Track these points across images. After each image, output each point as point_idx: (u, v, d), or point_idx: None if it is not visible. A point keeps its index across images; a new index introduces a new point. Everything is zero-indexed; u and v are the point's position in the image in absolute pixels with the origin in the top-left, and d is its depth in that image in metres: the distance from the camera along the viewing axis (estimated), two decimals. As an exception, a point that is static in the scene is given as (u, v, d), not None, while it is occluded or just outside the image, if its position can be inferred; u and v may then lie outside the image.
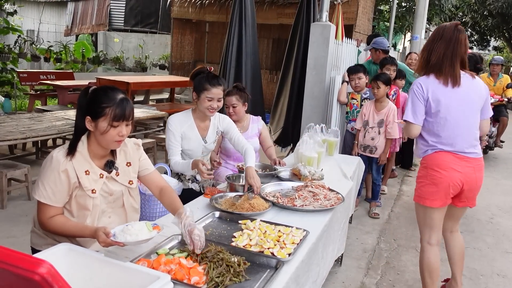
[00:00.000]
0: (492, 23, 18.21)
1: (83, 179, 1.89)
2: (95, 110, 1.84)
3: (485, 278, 3.55)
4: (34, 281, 0.99)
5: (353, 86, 4.88)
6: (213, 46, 11.76)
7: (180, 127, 2.84)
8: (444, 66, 2.65)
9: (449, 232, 3.07)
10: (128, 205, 2.09)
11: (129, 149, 2.09)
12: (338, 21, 5.89)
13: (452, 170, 2.68)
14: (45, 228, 1.91)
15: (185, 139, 2.87)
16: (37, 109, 7.42)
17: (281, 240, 1.95)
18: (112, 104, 1.84)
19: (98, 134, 1.87)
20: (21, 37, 11.23)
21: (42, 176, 1.88)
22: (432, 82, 2.68)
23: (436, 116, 2.69)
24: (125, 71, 14.32)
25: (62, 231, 1.87)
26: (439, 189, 2.71)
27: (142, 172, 2.15)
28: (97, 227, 1.74)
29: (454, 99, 2.66)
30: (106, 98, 1.85)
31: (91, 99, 1.87)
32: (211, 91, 2.73)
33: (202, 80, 2.75)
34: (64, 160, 1.86)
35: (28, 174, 4.57)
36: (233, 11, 4.90)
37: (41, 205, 1.88)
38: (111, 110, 1.84)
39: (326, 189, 2.73)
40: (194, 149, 2.92)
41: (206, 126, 2.96)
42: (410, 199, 5.45)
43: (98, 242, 1.72)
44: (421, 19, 10.08)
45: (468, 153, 2.71)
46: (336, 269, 3.43)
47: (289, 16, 8.89)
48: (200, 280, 1.58)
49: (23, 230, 3.81)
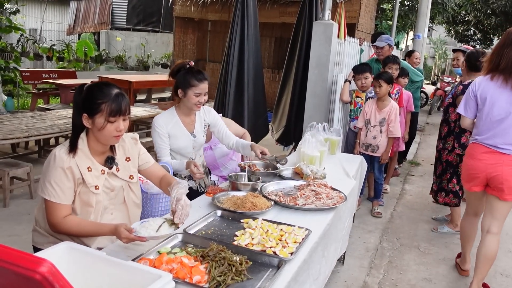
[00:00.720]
0: (495, 22, 18.11)
1: (86, 175, 1.89)
2: (91, 107, 1.84)
3: (488, 278, 3.53)
4: (35, 280, 0.99)
5: (359, 86, 4.86)
6: (215, 45, 11.75)
7: (165, 126, 2.82)
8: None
9: (486, 232, 3.18)
10: (129, 200, 2.10)
11: (127, 144, 2.10)
12: (341, 19, 5.86)
13: (478, 160, 3.04)
14: (59, 229, 1.87)
15: (173, 138, 2.85)
16: (39, 108, 7.44)
17: (283, 239, 1.95)
18: (108, 99, 1.84)
19: (96, 130, 1.87)
20: (24, 36, 11.24)
21: (47, 176, 1.85)
22: (487, 81, 3.00)
23: (480, 111, 3.03)
24: (128, 70, 14.34)
25: (78, 231, 1.86)
26: (467, 174, 3.16)
27: (143, 166, 2.17)
28: (116, 224, 1.76)
29: (503, 99, 2.92)
30: (101, 94, 1.85)
31: (86, 96, 1.87)
32: (199, 86, 2.71)
33: (188, 76, 2.71)
34: (67, 158, 1.86)
35: (31, 172, 4.58)
36: (235, 10, 4.89)
37: (51, 206, 1.84)
38: (107, 106, 1.84)
39: (329, 188, 2.72)
40: (184, 146, 2.90)
41: (192, 121, 2.94)
42: (412, 198, 5.43)
43: (119, 238, 1.74)
44: (424, 18, 10.07)
45: (502, 148, 2.96)
46: (339, 268, 3.42)
47: (292, 15, 8.88)
48: (202, 279, 1.57)
49: (26, 229, 3.82)
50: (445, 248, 4.04)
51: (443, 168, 4.29)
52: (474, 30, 21.02)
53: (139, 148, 2.16)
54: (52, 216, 1.85)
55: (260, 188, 2.67)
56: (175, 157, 2.92)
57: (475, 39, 21.31)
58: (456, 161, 4.16)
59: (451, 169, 4.22)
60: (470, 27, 20.70)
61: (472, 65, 4.07)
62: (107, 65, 14.69)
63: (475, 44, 21.27)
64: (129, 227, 1.72)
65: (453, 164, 4.19)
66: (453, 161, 4.18)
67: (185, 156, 2.94)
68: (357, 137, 4.71)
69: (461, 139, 4.10)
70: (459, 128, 4.10)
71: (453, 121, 4.14)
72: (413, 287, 3.33)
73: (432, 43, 31.22)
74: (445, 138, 4.23)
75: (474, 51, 4.20)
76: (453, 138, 4.15)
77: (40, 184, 1.88)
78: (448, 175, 4.25)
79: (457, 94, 4.06)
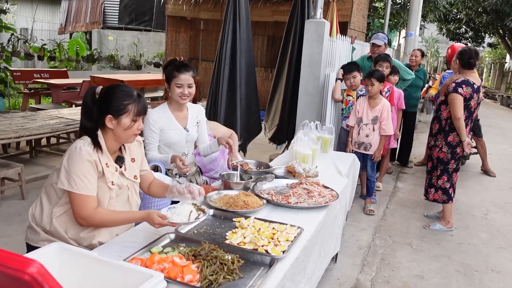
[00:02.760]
0: (487, 20, 18.25)
1: (106, 170, 1.95)
2: (118, 108, 1.92)
3: (480, 274, 3.57)
4: (24, 281, 0.98)
5: (348, 85, 4.88)
6: (208, 44, 11.72)
7: (158, 121, 2.84)
8: None
9: None
10: (133, 199, 2.15)
11: (133, 145, 2.17)
12: (333, 18, 5.87)
13: None
14: (91, 222, 1.90)
15: (166, 132, 2.86)
16: (31, 108, 7.39)
17: (275, 238, 1.95)
18: (133, 100, 1.94)
19: (121, 130, 1.95)
20: (15, 36, 11.15)
21: (73, 169, 1.85)
22: None
23: None
24: (120, 69, 14.27)
25: (110, 220, 1.94)
26: None
27: (141, 172, 2.23)
28: (147, 211, 1.91)
29: None
30: (126, 95, 1.93)
31: (110, 98, 1.92)
32: (179, 77, 2.74)
33: (171, 69, 2.77)
34: (93, 152, 1.91)
35: (22, 173, 4.54)
36: (227, 9, 4.87)
37: (81, 199, 1.86)
38: (134, 106, 1.94)
39: (321, 186, 2.73)
40: (177, 140, 2.91)
41: (184, 115, 2.96)
42: (405, 196, 5.47)
43: (152, 224, 1.86)
44: (416, 16, 10.10)
45: None
46: (332, 266, 3.43)
47: (284, 14, 8.87)
48: (194, 278, 1.57)
49: (17, 230, 3.80)
50: (437, 245, 4.07)
51: (434, 164, 4.33)
52: (465, 28, 21.18)
53: (142, 152, 2.24)
54: (83, 209, 1.87)
55: (252, 186, 2.67)
56: (168, 152, 2.92)
57: (467, 37, 21.47)
58: (447, 158, 4.20)
59: (441, 166, 4.25)
60: (461, 25, 20.84)
61: (465, 63, 4.11)
62: (99, 64, 14.61)
63: (467, 42, 21.42)
64: (162, 214, 1.85)
65: (444, 161, 4.22)
66: (444, 158, 4.21)
67: (177, 151, 2.94)
68: (349, 136, 4.72)
69: (448, 138, 4.15)
70: (449, 126, 4.14)
71: (445, 119, 4.16)
72: (405, 284, 3.35)
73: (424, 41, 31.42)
74: (436, 135, 4.26)
75: (467, 49, 4.22)
76: (442, 136, 4.18)
77: (63, 179, 1.87)
78: (438, 171, 4.29)
79: (450, 92, 4.07)
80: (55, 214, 1.95)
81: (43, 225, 1.97)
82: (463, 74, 4.15)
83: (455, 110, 4.01)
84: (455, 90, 4.02)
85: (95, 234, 1.98)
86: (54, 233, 1.96)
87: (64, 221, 1.95)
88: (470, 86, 4.03)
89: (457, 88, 4.02)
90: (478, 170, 6.85)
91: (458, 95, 4.00)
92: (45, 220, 1.97)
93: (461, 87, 4.01)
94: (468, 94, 4.02)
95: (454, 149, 4.16)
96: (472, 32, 21.14)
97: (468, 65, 4.12)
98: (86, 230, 1.96)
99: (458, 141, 4.12)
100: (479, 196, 5.65)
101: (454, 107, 4.02)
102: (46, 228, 1.97)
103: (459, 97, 3.99)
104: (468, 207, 5.20)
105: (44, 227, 1.97)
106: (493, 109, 15.28)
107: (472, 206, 5.24)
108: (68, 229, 1.95)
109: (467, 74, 4.14)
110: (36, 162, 5.92)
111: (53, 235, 1.96)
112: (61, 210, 1.95)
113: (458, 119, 4.01)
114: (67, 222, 1.95)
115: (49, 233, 1.97)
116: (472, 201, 5.42)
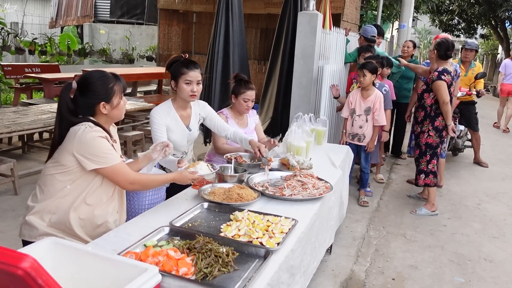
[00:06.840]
0: (479, 11, 18.28)
1: (114, 145, 2.07)
2: (106, 92, 1.99)
3: (473, 263, 3.61)
4: (17, 275, 0.98)
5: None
6: (200, 37, 11.63)
7: (164, 118, 2.82)
8: None
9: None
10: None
11: (111, 127, 2.22)
12: (326, 10, 5.85)
13: None
14: (139, 183, 2.06)
15: (169, 131, 2.84)
16: (22, 103, 7.31)
17: (270, 230, 1.95)
18: (115, 80, 2.02)
19: (114, 111, 2.04)
20: (5, 30, 11.02)
21: (97, 149, 1.92)
22: None
23: None
24: (112, 63, 14.17)
25: (152, 180, 2.14)
26: None
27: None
28: (179, 171, 2.24)
29: None
30: (107, 79, 2.00)
31: (93, 88, 1.97)
32: (189, 74, 2.72)
33: (178, 66, 2.74)
34: (101, 130, 1.98)
35: (14, 168, 4.51)
36: (219, 1, 4.84)
37: (119, 168, 1.98)
38: (118, 86, 2.03)
39: (315, 178, 2.73)
40: (179, 139, 2.89)
41: (188, 114, 2.94)
42: (398, 187, 5.50)
43: (185, 181, 2.21)
44: (409, 8, 10.10)
45: None
46: (326, 257, 3.45)
47: (277, 6, 8.82)
48: (189, 271, 1.57)
49: (11, 225, 3.78)
50: (431, 236, 4.10)
51: (422, 151, 4.51)
52: (458, 20, 21.19)
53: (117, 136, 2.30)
54: (127, 175, 2.01)
55: (246, 179, 2.67)
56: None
57: (459, 29, 21.49)
58: (436, 143, 4.42)
59: (430, 151, 4.46)
60: (454, 17, 20.85)
61: (442, 54, 4.38)
62: (91, 58, 14.49)
63: (459, 33, 21.47)
64: (191, 170, 2.22)
65: (433, 145, 4.43)
66: (433, 143, 4.42)
67: (178, 150, 2.94)
68: (343, 127, 4.73)
69: (435, 123, 4.37)
70: (434, 112, 4.38)
71: (429, 106, 4.39)
72: (399, 274, 3.38)
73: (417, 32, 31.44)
74: (422, 122, 4.47)
75: (445, 40, 4.44)
76: (429, 121, 4.40)
77: (90, 161, 1.92)
78: (428, 156, 4.47)
79: (433, 80, 4.29)
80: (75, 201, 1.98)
81: (43, 215, 1.95)
82: (439, 64, 4.40)
83: (443, 96, 4.25)
84: (439, 78, 4.27)
85: (96, 227, 2.03)
86: (49, 228, 1.94)
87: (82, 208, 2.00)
88: (449, 74, 4.31)
89: (440, 76, 4.28)
90: (471, 161, 6.90)
91: (443, 82, 4.25)
92: (53, 210, 1.96)
93: (443, 74, 4.27)
94: (449, 81, 4.29)
95: (441, 133, 4.40)
96: (464, 24, 21.15)
97: (445, 55, 4.38)
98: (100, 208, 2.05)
99: (444, 125, 4.37)
100: (471, 186, 5.70)
101: (441, 93, 4.26)
102: (45, 219, 1.95)
103: (444, 83, 4.25)
104: (461, 197, 5.24)
105: (42, 217, 1.95)
106: (485, 100, 15.35)
107: (464, 196, 5.28)
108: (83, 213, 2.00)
109: (443, 63, 4.41)
110: (28, 157, 5.88)
111: (48, 229, 1.94)
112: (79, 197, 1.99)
113: (447, 103, 4.26)
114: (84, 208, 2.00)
115: (51, 225, 1.96)
116: (465, 192, 5.46)
